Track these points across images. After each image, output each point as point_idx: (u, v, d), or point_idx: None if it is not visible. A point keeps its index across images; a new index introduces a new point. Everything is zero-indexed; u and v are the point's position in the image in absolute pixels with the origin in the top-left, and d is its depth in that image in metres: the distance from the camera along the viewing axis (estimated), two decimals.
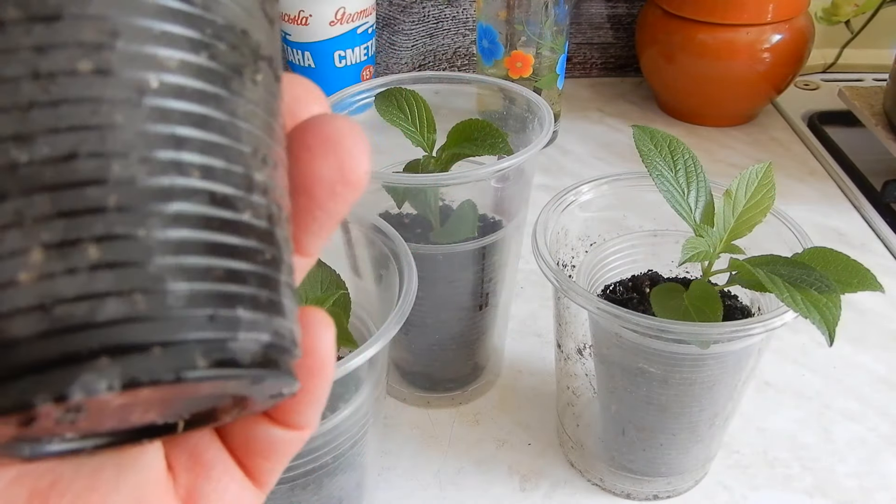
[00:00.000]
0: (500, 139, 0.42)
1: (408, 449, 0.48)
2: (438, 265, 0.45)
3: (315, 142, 0.16)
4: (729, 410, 0.42)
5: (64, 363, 0.12)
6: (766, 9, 0.74)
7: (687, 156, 0.39)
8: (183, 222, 0.13)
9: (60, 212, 0.12)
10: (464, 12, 0.88)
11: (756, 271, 0.34)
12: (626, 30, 0.91)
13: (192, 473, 0.18)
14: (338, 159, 0.16)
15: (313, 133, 0.16)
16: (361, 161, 0.16)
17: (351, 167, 0.16)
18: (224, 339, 0.13)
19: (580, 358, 0.43)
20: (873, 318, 0.58)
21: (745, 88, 0.79)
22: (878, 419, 0.50)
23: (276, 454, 0.18)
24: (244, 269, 0.13)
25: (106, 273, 0.12)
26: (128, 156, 0.12)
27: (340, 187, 0.16)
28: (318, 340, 0.17)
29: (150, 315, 0.12)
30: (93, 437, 0.15)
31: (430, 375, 0.51)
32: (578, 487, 0.46)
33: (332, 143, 0.16)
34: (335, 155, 0.16)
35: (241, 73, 0.14)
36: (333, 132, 0.16)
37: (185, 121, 0.13)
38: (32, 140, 0.12)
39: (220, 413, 0.16)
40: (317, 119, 0.16)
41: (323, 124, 0.16)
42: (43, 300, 0.12)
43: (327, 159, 0.16)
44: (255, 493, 0.19)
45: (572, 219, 0.43)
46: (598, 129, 0.83)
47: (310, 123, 0.16)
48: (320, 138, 0.16)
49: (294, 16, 0.72)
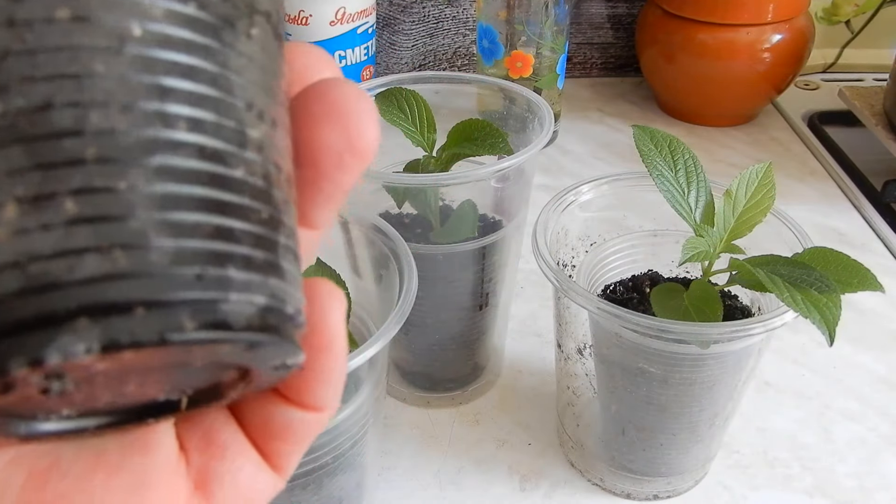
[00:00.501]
0: (500, 139, 0.42)
1: (408, 449, 0.48)
2: (438, 265, 0.45)
3: (320, 108, 0.15)
4: (729, 410, 0.42)
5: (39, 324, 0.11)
6: (766, 9, 0.74)
7: (687, 156, 0.39)
8: (168, 176, 0.12)
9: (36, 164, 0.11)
10: (464, 12, 0.88)
11: (756, 271, 0.34)
12: (626, 30, 0.91)
13: (205, 454, 0.17)
14: (344, 127, 0.15)
15: (318, 99, 0.15)
16: (370, 128, 0.15)
17: (359, 134, 0.15)
18: (214, 300, 0.12)
19: (580, 358, 0.43)
20: (873, 318, 0.58)
21: (745, 88, 0.79)
22: (878, 419, 0.50)
23: (295, 436, 0.17)
24: (236, 227, 0.13)
25: (84, 228, 0.11)
26: (107, 105, 0.11)
27: (348, 156, 0.15)
28: (326, 313, 0.16)
29: (132, 272, 0.11)
30: (92, 416, 0.15)
31: (430, 375, 0.51)
32: (578, 487, 0.46)
33: (338, 109, 0.15)
34: (342, 122, 0.15)
35: (234, 26, 0.13)
36: (340, 98, 0.15)
37: (170, 71, 0.12)
38: (7, 90, 0.11)
39: (225, 388, 0.15)
40: (322, 84, 0.15)
41: (329, 90, 0.15)
42: (17, 257, 0.11)
43: (333, 127, 0.15)
44: (273, 478, 0.18)
45: (572, 219, 0.43)
46: (598, 129, 0.83)
47: (315, 89, 0.15)
48: (326, 105, 0.15)
49: (294, 16, 0.72)
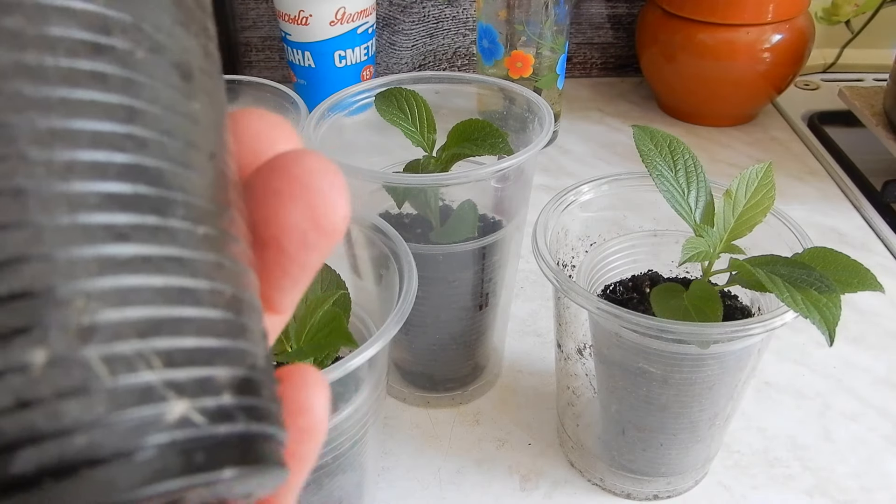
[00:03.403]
0: (500, 139, 0.42)
1: (408, 449, 0.48)
2: (438, 265, 0.45)
3: (282, 184, 0.13)
4: (729, 410, 0.42)
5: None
6: (766, 9, 0.74)
7: (687, 156, 0.39)
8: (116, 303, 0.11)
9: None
10: (464, 12, 0.88)
11: (756, 271, 0.34)
12: (626, 30, 0.91)
13: None
14: (310, 204, 0.13)
15: (280, 174, 0.14)
16: (338, 205, 0.14)
17: (325, 212, 0.13)
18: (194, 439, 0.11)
19: (580, 358, 0.43)
20: (873, 318, 0.58)
21: (745, 88, 0.79)
22: (878, 419, 0.50)
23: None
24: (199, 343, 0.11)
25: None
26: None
27: (313, 236, 0.14)
28: (313, 404, 0.15)
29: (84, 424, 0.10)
30: None
31: (430, 375, 0.51)
32: (578, 487, 0.46)
33: (302, 185, 0.13)
34: (306, 199, 0.13)
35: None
36: (304, 173, 0.13)
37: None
38: None
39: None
40: (284, 157, 0.14)
41: (291, 163, 0.14)
42: None
43: (297, 204, 0.13)
44: None
45: (572, 219, 0.43)
46: (598, 129, 0.83)
47: (276, 162, 0.14)
48: (288, 180, 0.13)
49: (294, 16, 0.72)
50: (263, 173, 0.14)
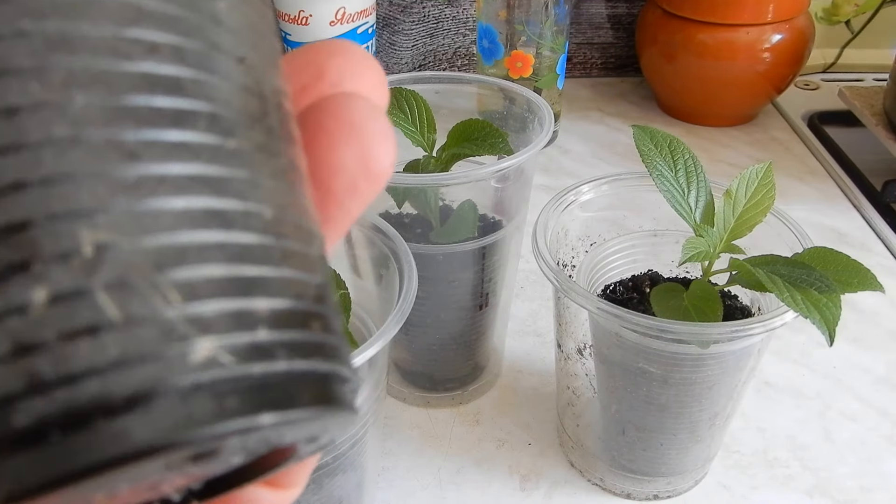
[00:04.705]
0: (500, 139, 0.42)
1: (408, 449, 0.48)
2: (438, 265, 0.45)
3: (335, 125, 0.13)
4: (729, 410, 0.42)
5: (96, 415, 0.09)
6: (766, 9, 0.74)
7: (687, 156, 0.39)
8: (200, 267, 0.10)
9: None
10: (464, 12, 0.88)
11: (756, 271, 0.34)
12: (626, 30, 0.91)
13: None
14: (361, 146, 0.13)
15: (333, 115, 0.13)
16: (388, 150, 0.13)
17: (376, 156, 0.13)
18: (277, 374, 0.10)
19: (580, 358, 0.43)
20: (873, 318, 0.58)
21: (745, 88, 0.79)
22: (878, 419, 0.50)
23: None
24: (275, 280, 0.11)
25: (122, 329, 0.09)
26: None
27: (362, 180, 0.13)
28: None
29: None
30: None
31: (430, 375, 0.51)
32: (578, 487, 0.46)
33: (354, 126, 0.13)
34: (358, 142, 0.13)
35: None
36: (356, 116, 0.13)
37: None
38: None
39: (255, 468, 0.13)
40: (336, 98, 0.14)
41: (343, 104, 0.13)
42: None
43: (349, 146, 0.13)
44: None
45: (572, 219, 0.43)
46: (598, 129, 0.83)
47: (328, 103, 0.13)
48: (341, 122, 0.13)
49: (294, 16, 0.72)
50: (315, 111, 0.13)
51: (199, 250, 0.10)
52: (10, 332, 0.08)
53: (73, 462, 0.08)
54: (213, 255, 0.10)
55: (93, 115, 0.09)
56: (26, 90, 0.09)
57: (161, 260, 0.09)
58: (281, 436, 0.10)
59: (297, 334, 0.10)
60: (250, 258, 0.10)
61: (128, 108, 0.09)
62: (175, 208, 0.09)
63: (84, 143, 0.09)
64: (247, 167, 0.10)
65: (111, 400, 0.09)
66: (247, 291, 0.10)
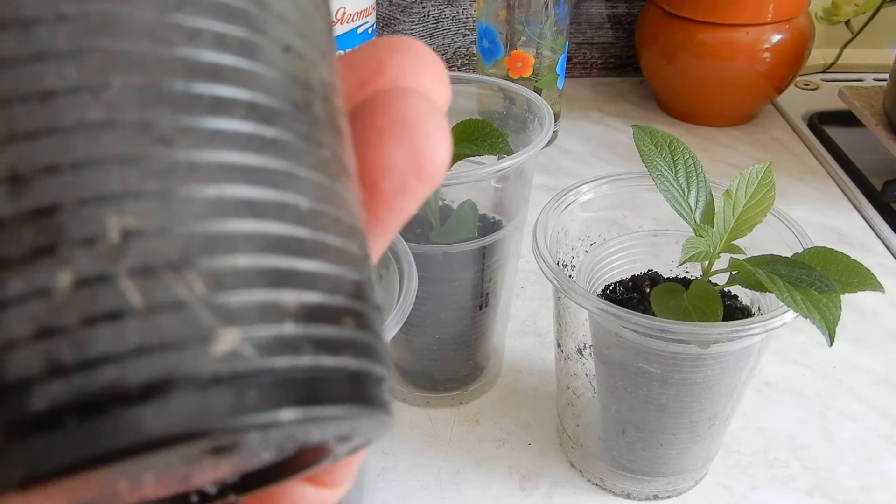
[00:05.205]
0: (500, 139, 0.42)
1: (408, 449, 0.48)
2: (438, 265, 0.45)
3: (386, 122, 0.13)
4: (729, 410, 0.42)
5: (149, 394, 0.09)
6: (766, 9, 0.75)
7: (687, 156, 0.39)
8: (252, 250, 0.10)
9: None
10: (464, 12, 0.88)
11: (756, 271, 0.34)
12: (626, 30, 0.91)
13: None
14: (414, 145, 0.13)
15: (384, 111, 0.13)
16: (442, 149, 0.13)
17: (430, 156, 0.13)
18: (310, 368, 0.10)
19: (580, 358, 0.43)
20: (873, 318, 0.58)
21: (745, 88, 0.79)
22: (878, 419, 0.50)
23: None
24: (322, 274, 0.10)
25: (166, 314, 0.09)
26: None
27: (414, 179, 0.13)
28: None
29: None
30: None
31: (430, 375, 0.51)
32: (578, 487, 0.46)
33: (407, 124, 0.13)
34: (411, 139, 0.13)
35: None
36: (409, 112, 0.13)
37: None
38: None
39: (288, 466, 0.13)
40: (388, 94, 0.13)
41: (396, 100, 0.13)
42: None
43: (401, 144, 0.13)
44: None
45: (572, 219, 0.43)
46: (598, 129, 0.83)
47: (380, 99, 0.13)
48: (393, 118, 0.13)
49: None
50: (367, 107, 0.13)
51: (227, 240, 0.09)
52: (32, 314, 0.08)
53: (86, 449, 0.08)
54: (243, 245, 0.10)
55: (128, 101, 0.09)
56: (63, 74, 0.09)
57: (188, 248, 0.09)
58: (307, 433, 0.10)
59: (327, 330, 0.10)
60: (281, 249, 0.10)
61: (164, 93, 0.09)
62: (206, 196, 0.09)
63: (118, 127, 0.09)
64: (284, 157, 0.10)
65: (127, 388, 0.08)
66: (275, 283, 0.10)
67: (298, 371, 0.10)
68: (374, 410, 0.11)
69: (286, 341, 0.10)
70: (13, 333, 0.08)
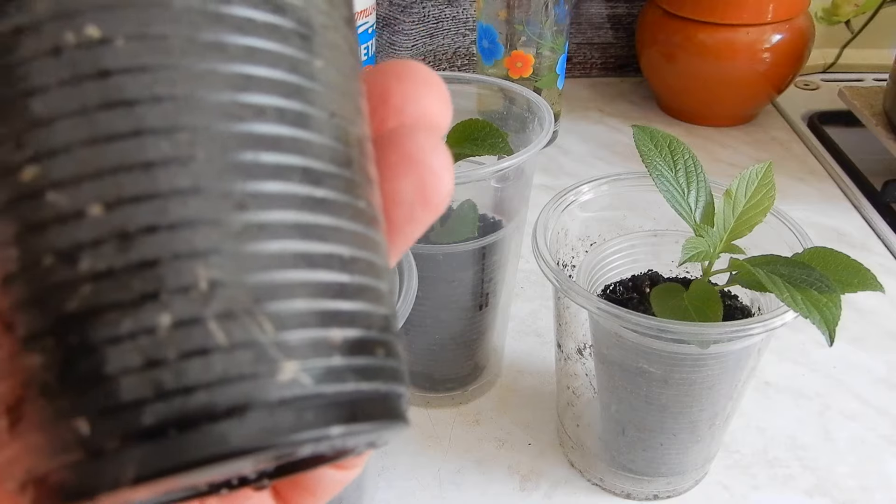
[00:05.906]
0: (500, 139, 0.42)
1: (408, 449, 0.48)
2: (438, 265, 0.45)
3: (396, 157, 0.14)
4: (729, 410, 0.42)
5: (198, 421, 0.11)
6: (766, 9, 0.75)
7: (687, 156, 0.39)
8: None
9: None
10: (464, 12, 0.88)
11: (756, 271, 0.34)
12: (626, 30, 0.91)
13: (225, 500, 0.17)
14: (420, 179, 0.14)
15: (394, 147, 0.14)
16: (445, 181, 0.14)
17: (433, 188, 0.14)
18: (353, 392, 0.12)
19: (580, 358, 0.43)
20: (873, 318, 0.58)
21: (745, 88, 0.79)
22: (878, 419, 0.50)
23: (323, 491, 0.18)
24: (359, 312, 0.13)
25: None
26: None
27: (420, 210, 0.14)
28: None
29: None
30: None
31: (430, 375, 0.51)
32: (578, 487, 0.46)
33: (413, 160, 0.14)
34: (417, 174, 0.14)
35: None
36: (415, 148, 0.14)
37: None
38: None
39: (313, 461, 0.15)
40: (399, 130, 0.15)
41: (404, 138, 0.14)
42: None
43: (408, 178, 0.14)
44: None
45: (572, 219, 0.43)
46: (598, 129, 0.83)
47: (391, 136, 0.15)
48: (401, 154, 0.14)
49: None
50: (381, 143, 0.14)
51: (288, 287, 0.12)
52: (142, 349, 0.11)
53: (184, 456, 0.11)
54: (299, 291, 0.12)
55: (210, 170, 0.11)
56: (158, 147, 0.11)
57: (258, 295, 0.11)
58: (345, 442, 0.12)
59: (365, 360, 0.12)
60: (329, 294, 0.12)
61: (238, 163, 0.11)
62: (271, 251, 0.11)
63: (203, 193, 0.11)
64: (330, 213, 0.12)
65: (215, 409, 0.11)
66: (325, 323, 0.12)
67: (343, 395, 0.12)
68: (397, 422, 0.13)
69: (334, 371, 0.12)
70: (127, 364, 0.11)
